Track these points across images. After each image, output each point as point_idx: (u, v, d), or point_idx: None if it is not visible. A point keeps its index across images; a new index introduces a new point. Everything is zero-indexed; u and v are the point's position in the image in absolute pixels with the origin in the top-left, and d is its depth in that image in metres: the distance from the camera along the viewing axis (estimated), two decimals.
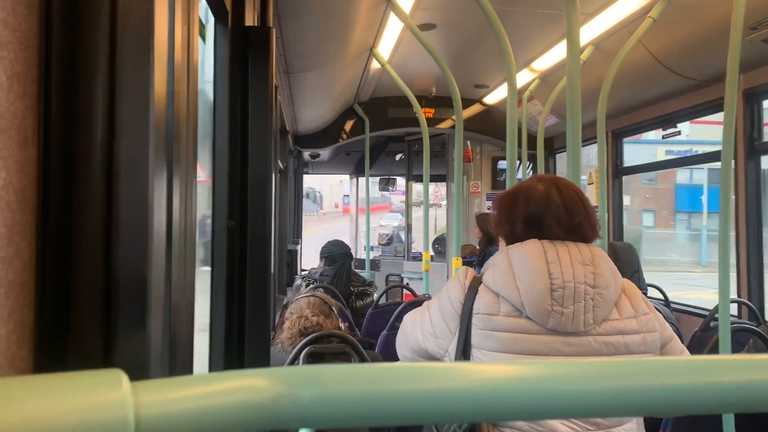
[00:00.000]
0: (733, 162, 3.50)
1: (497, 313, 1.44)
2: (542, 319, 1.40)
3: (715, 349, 2.37)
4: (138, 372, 0.53)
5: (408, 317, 1.72)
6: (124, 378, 0.40)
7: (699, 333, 3.27)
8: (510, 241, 1.56)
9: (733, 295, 3.60)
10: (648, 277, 4.01)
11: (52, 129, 0.51)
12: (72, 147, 0.52)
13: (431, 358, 1.60)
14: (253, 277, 1.90)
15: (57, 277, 0.51)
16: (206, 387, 0.44)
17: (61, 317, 0.51)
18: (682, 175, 22.03)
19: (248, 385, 0.44)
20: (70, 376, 0.40)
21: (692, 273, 17.14)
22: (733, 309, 3.69)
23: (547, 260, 1.42)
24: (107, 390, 0.40)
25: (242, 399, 0.43)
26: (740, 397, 0.50)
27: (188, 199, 1.10)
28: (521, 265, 1.44)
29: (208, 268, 1.87)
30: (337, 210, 25.50)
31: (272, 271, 2.63)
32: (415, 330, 1.62)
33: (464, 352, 1.48)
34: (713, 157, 4.17)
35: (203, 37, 1.76)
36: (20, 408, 0.37)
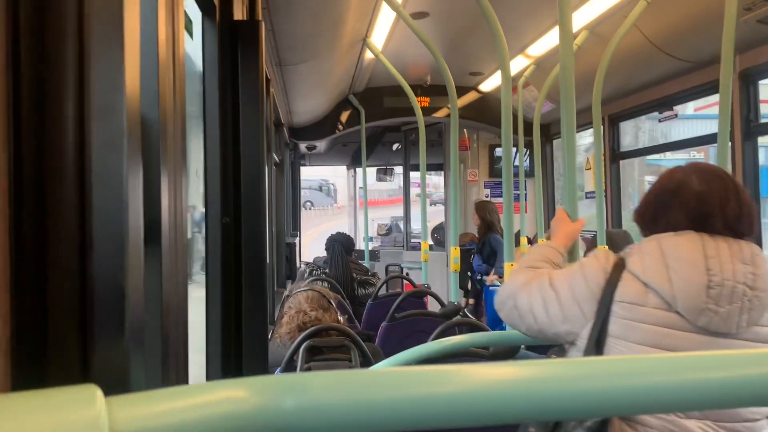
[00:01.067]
0: (730, 144, 3.48)
1: (645, 304, 1.35)
2: (694, 317, 1.31)
3: None
4: (117, 384, 0.52)
5: (522, 291, 1.51)
6: (98, 393, 0.39)
7: None
8: (656, 230, 1.44)
9: None
10: None
11: (23, 133, 0.49)
12: (44, 153, 0.50)
13: (555, 340, 1.49)
14: (249, 273, 1.89)
15: (32, 290, 0.49)
16: (184, 400, 0.42)
17: (37, 331, 0.50)
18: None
19: (227, 397, 0.43)
20: (42, 394, 0.39)
21: None
22: None
23: (706, 255, 1.32)
24: (81, 407, 0.38)
25: (222, 411, 0.42)
26: None
27: (177, 203, 1.08)
28: (677, 256, 1.33)
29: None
30: (351, 204, 24.72)
31: (269, 266, 2.62)
32: (537, 310, 1.47)
33: (598, 340, 1.38)
34: (710, 139, 4.15)
35: (190, 33, 1.74)
36: None
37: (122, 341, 0.52)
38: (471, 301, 5.78)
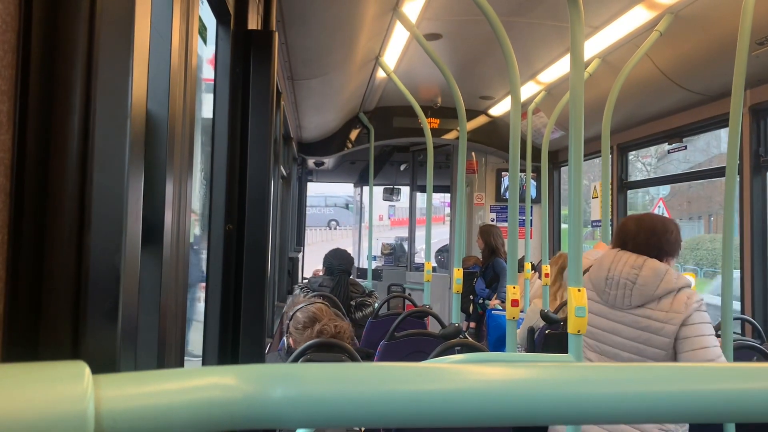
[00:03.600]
0: (738, 178, 3.47)
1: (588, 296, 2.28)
2: (600, 295, 2.33)
3: None
4: (107, 367, 0.52)
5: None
6: (86, 370, 0.39)
7: None
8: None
9: (737, 312, 3.57)
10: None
11: (29, 117, 0.50)
12: (48, 137, 0.50)
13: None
14: (250, 282, 1.89)
15: (29, 268, 0.49)
16: (172, 383, 0.42)
17: (32, 309, 0.49)
18: None
19: (216, 383, 0.42)
20: (31, 367, 0.38)
21: None
22: (736, 326, 3.66)
23: (612, 261, 2.33)
24: (68, 382, 0.38)
25: (209, 396, 0.42)
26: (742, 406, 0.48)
27: (182, 196, 1.08)
28: (599, 263, 2.38)
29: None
30: (382, 223, 22.82)
31: (270, 278, 2.61)
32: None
33: None
34: (719, 172, 4.14)
35: (204, 39, 1.76)
36: None
37: (115, 325, 0.51)
38: (472, 324, 5.74)
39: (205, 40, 1.79)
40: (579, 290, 1.91)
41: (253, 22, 2.01)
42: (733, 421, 0.51)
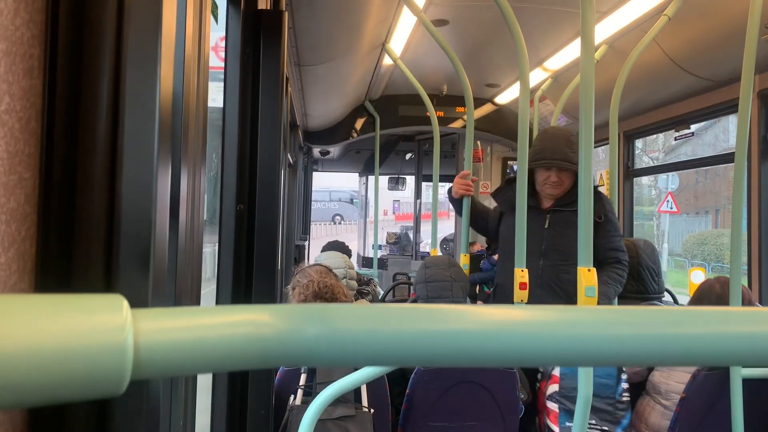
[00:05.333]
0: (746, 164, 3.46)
1: None
2: None
3: None
4: (140, 306, 0.52)
5: None
6: (124, 303, 0.39)
7: None
8: None
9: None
10: None
11: (59, 62, 0.50)
12: (78, 80, 0.51)
13: None
14: (261, 261, 1.90)
15: (60, 209, 0.50)
16: (208, 319, 0.42)
17: (64, 251, 0.50)
18: None
19: (251, 319, 0.43)
20: (71, 298, 0.39)
21: None
22: None
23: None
24: (108, 313, 0.38)
25: (244, 333, 0.42)
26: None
27: (195, 190, 1.09)
28: None
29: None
30: (386, 218, 22.63)
31: (279, 260, 2.63)
32: None
33: None
34: (727, 158, 4.13)
35: (215, 18, 1.76)
36: (15, 324, 0.36)
37: (148, 268, 0.52)
38: (479, 303, 5.76)
39: (216, 19, 1.79)
40: (589, 270, 1.91)
41: (263, 2, 2.01)
42: (737, 364, 0.52)
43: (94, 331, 0.38)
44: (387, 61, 4.90)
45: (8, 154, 0.45)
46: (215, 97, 1.93)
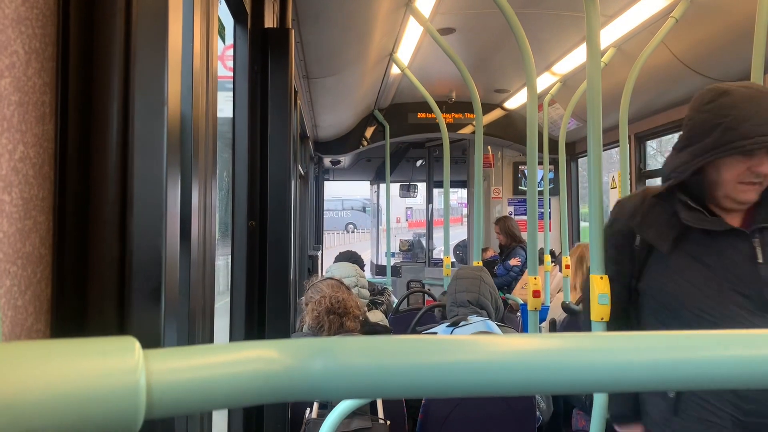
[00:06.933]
0: None
1: None
2: None
3: None
4: (152, 344, 0.54)
5: None
6: (137, 345, 0.41)
7: None
8: None
9: None
10: None
11: (70, 105, 0.52)
12: (89, 124, 0.52)
13: None
14: (273, 276, 1.91)
15: (74, 251, 0.51)
16: (218, 357, 0.44)
17: (78, 292, 0.51)
18: None
19: (259, 356, 0.44)
20: (84, 342, 0.40)
21: None
22: None
23: None
24: (120, 356, 0.40)
25: (253, 369, 0.43)
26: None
27: (207, 179, 1.10)
28: None
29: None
30: (400, 225, 22.34)
31: (292, 273, 2.65)
32: None
33: None
34: None
35: (223, 38, 1.78)
36: (32, 370, 0.37)
37: (159, 307, 0.53)
38: None
39: (224, 40, 1.82)
40: (602, 278, 1.90)
41: (270, 21, 2.04)
42: (752, 387, 0.52)
43: (107, 374, 0.39)
44: (395, 70, 4.92)
45: (23, 200, 0.46)
46: (223, 107, 1.95)
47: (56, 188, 0.50)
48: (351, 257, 4.55)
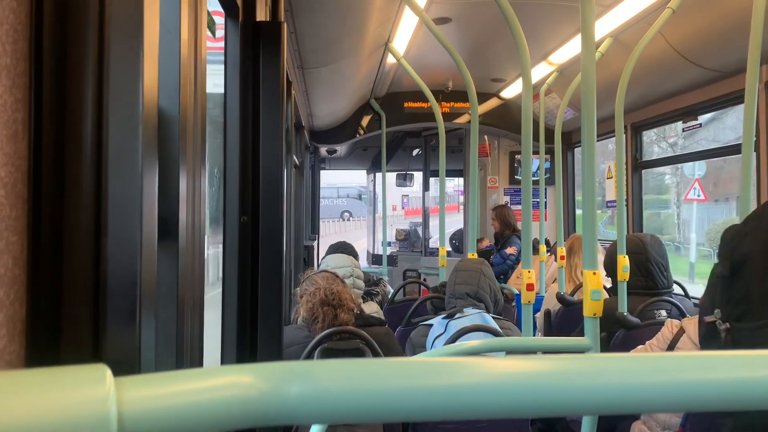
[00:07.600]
0: (754, 155, 3.43)
1: None
2: None
3: None
4: (128, 367, 0.53)
5: None
6: (108, 373, 0.40)
7: None
8: None
9: None
10: None
11: (43, 122, 0.51)
12: (63, 141, 0.51)
13: None
14: (266, 272, 1.91)
15: (48, 272, 0.50)
16: (192, 383, 0.43)
17: (53, 312, 0.51)
18: None
19: (234, 382, 0.43)
20: (53, 372, 0.40)
21: None
22: None
23: None
24: (90, 386, 0.39)
25: (228, 395, 0.43)
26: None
27: (195, 197, 1.09)
28: None
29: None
30: (396, 213, 22.29)
31: (286, 267, 2.65)
32: None
33: None
34: (735, 150, 4.09)
35: (212, 32, 1.76)
36: (2, 403, 0.37)
37: (134, 327, 0.53)
38: None
39: (213, 33, 1.79)
40: (594, 273, 1.90)
41: (261, 14, 2.01)
42: (750, 408, 0.52)
43: (78, 404, 0.38)
44: (391, 59, 4.89)
45: None
46: (216, 81, 1.91)
47: (30, 207, 0.50)
48: (344, 249, 4.51)
